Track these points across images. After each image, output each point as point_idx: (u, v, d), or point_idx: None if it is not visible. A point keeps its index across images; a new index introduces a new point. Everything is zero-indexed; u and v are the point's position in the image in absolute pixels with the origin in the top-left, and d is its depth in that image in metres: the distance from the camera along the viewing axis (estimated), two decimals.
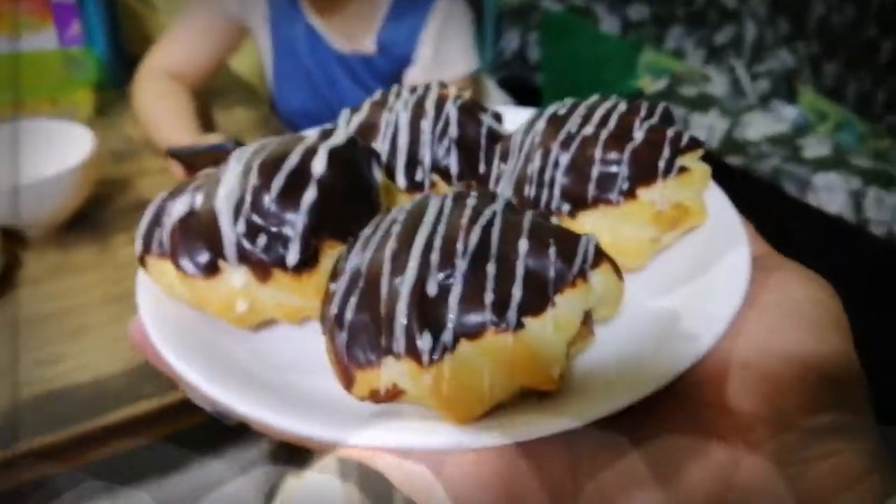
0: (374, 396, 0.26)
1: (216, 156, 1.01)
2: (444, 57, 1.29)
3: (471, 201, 0.29)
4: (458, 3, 1.30)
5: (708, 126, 1.63)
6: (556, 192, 0.33)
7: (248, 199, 0.30)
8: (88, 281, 0.99)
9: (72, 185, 1.03)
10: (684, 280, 0.32)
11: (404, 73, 1.33)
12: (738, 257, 0.31)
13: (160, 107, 1.25)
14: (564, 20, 2.01)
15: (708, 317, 0.29)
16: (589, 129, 0.34)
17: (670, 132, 0.34)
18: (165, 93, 1.28)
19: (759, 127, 1.54)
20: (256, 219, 0.29)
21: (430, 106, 0.39)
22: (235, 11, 1.34)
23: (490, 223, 0.27)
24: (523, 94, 2.03)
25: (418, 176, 0.38)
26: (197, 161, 1.02)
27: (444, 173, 0.38)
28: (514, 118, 0.44)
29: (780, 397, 0.27)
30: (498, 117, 0.42)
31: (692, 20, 2.41)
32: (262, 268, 0.30)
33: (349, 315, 0.26)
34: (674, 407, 0.28)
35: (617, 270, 0.28)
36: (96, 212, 1.12)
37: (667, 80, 1.75)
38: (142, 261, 0.35)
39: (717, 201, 0.36)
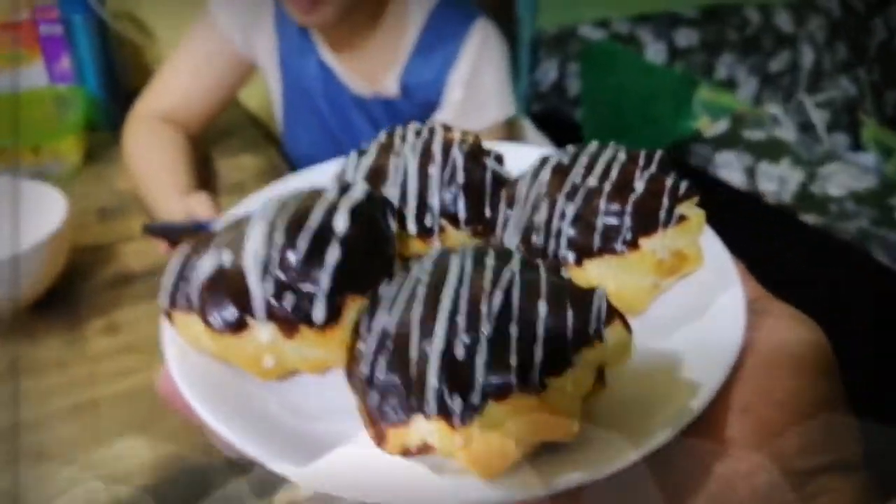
0: (405, 452, 0.27)
1: (198, 235, 0.85)
2: (475, 102, 1.12)
3: (489, 261, 0.30)
4: (493, 38, 1.12)
5: (779, 177, 1.43)
6: (563, 242, 0.34)
7: (276, 258, 0.31)
8: (52, 384, 0.82)
9: (35, 264, 0.86)
10: (683, 323, 0.33)
11: (430, 118, 1.16)
12: (734, 302, 0.32)
13: (151, 158, 1.08)
14: (606, 49, 1.82)
15: (709, 363, 0.30)
16: (592, 181, 0.35)
17: (668, 181, 0.35)
18: (158, 141, 1.12)
19: (840, 180, 1.33)
20: (283, 278, 0.31)
21: (437, 151, 0.40)
22: (239, 44, 1.17)
23: (510, 285, 0.28)
24: (561, 130, 1.85)
25: (428, 222, 0.39)
26: (178, 239, 0.85)
27: (453, 218, 0.40)
28: (516, 155, 0.45)
29: (778, 441, 0.29)
30: (500, 159, 0.44)
31: (745, 46, 2.22)
32: (289, 324, 0.31)
33: (380, 376, 0.28)
34: (676, 447, 0.28)
35: (626, 325, 0.30)
36: (69, 289, 0.95)
37: (728, 122, 1.55)
38: (168, 315, 0.35)
39: (711, 244, 0.37)
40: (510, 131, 1.20)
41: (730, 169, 1.48)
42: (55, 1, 1.28)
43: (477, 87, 1.11)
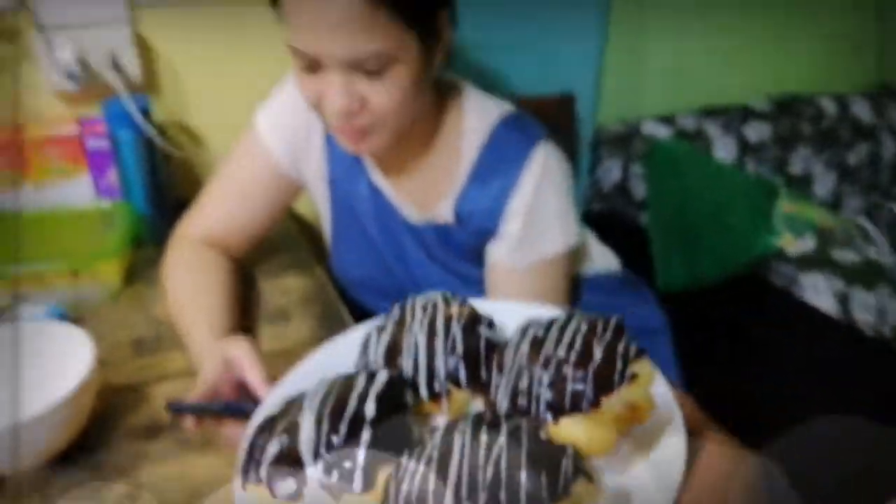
0: None
1: (225, 417, 0.77)
2: (535, 232, 1.02)
3: (483, 437, 0.38)
4: (556, 162, 1.03)
5: (877, 308, 1.28)
6: (542, 405, 0.42)
7: (324, 442, 0.40)
8: None
9: (57, 423, 0.79)
10: (640, 459, 0.42)
11: (487, 247, 1.06)
12: (678, 443, 0.40)
13: (188, 290, 1.01)
14: (673, 149, 1.71)
15: (661, 490, 0.38)
16: (561, 352, 0.44)
17: (621, 347, 0.44)
18: (198, 269, 1.05)
19: None
20: (329, 458, 0.40)
21: (440, 327, 0.50)
22: (287, 166, 1.10)
23: (499, 458, 0.36)
24: (626, 234, 1.74)
25: (436, 387, 0.49)
26: (207, 417, 0.77)
27: (456, 381, 0.49)
28: (505, 311, 0.56)
29: None
30: (491, 324, 0.53)
31: (821, 139, 2.09)
32: (336, 493, 0.40)
33: None
34: None
35: (590, 478, 0.38)
36: (93, 438, 0.87)
37: (814, 239, 1.41)
38: (242, 485, 0.43)
39: (662, 391, 0.44)
40: (572, 259, 1.10)
41: (818, 292, 1.34)
42: (102, 115, 1.25)
43: (537, 218, 1.01)
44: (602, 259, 1.29)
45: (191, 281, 1.02)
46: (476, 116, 1.03)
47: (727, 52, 2.09)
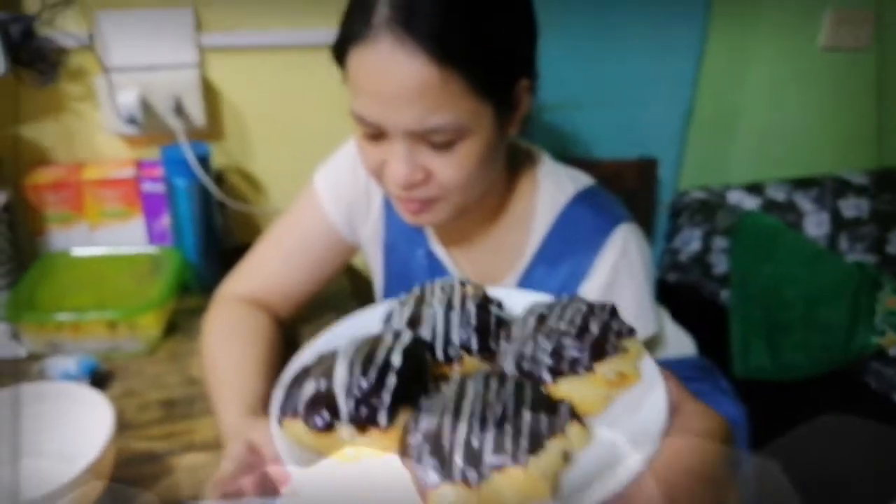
0: None
1: None
2: None
3: (493, 385, 0.45)
4: (636, 246, 0.92)
5: None
6: (543, 368, 0.48)
7: (355, 384, 0.45)
8: None
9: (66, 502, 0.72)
10: (625, 419, 0.46)
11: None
12: (660, 404, 0.45)
13: (224, 356, 0.94)
14: (763, 226, 1.57)
15: (640, 443, 0.42)
16: (562, 326, 0.49)
17: (615, 325, 0.50)
18: (238, 333, 0.98)
19: None
20: (359, 397, 0.45)
21: (457, 303, 0.55)
22: (343, 228, 1.03)
23: (506, 399, 0.43)
24: (703, 312, 1.60)
25: (451, 353, 0.53)
26: None
27: (468, 349, 0.54)
28: (512, 297, 0.61)
29: (677, 501, 0.41)
30: (500, 305, 0.58)
31: None
32: (363, 427, 0.45)
33: (425, 458, 0.41)
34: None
35: (583, 424, 0.44)
36: None
37: None
38: (280, 421, 0.48)
39: (648, 366, 0.49)
40: (651, 348, 0.99)
41: None
42: (160, 159, 1.22)
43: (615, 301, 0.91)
44: (676, 342, 1.17)
45: (227, 349, 0.95)
46: (550, 190, 0.94)
47: (823, 116, 1.95)
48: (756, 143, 1.89)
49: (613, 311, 0.51)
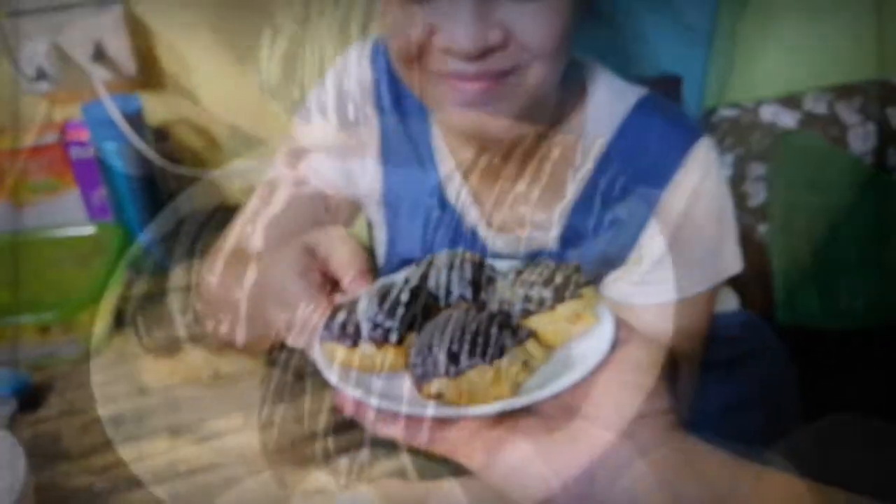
0: (429, 397, 0.50)
1: None
2: (684, 261, 0.76)
3: (472, 313, 0.54)
4: (718, 160, 0.77)
5: None
6: (517, 307, 0.57)
7: (374, 312, 0.55)
8: None
9: None
10: (581, 346, 0.55)
11: (606, 280, 0.79)
12: (606, 336, 0.53)
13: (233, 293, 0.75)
14: (804, 146, 1.36)
15: (590, 358, 0.51)
16: (534, 277, 0.59)
17: (575, 277, 0.58)
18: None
19: None
20: (378, 320, 0.55)
21: (457, 265, 0.64)
22: (335, 180, 0.85)
23: (480, 323, 0.52)
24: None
25: (451, 301, 0.61)
26: None
27: (464, 298, 0.62)
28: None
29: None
30: (493, 268, 0.65)
31: None
32: (380, 343, 0.55)
33: (419, 363, 0.51)
34: (552, 406, 0.49)
35: (539, 342, 0.54)
36: None
37: None
38: (320, 344, 0.56)
39: (605, 312, 0.56)
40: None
41: None
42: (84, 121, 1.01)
43: (691, 239, 0.76)
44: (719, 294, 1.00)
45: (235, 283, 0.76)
46: (604, 100, 0.76)
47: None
48: (790, 51, 1.66)
49: (577, 268, 0.60)
